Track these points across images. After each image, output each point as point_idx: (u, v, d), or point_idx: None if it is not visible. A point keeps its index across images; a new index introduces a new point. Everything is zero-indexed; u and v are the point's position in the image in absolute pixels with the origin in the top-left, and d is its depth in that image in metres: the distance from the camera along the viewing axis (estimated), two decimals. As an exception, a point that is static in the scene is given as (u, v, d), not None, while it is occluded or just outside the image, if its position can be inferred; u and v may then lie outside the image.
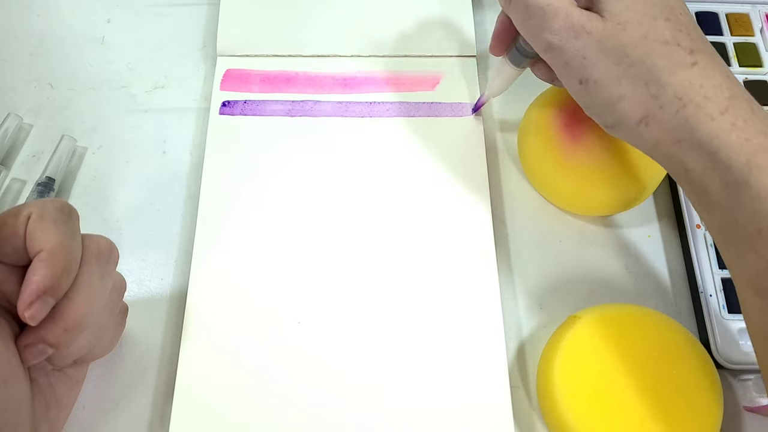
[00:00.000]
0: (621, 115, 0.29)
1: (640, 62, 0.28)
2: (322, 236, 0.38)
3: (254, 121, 0.41)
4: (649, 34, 0.28)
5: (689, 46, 0.28)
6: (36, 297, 0.25)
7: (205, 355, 0.34)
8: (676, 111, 0.27)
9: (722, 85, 0.27)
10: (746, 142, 0.26)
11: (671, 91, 0.27)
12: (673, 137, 0.28)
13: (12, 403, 0.26)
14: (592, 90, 0.29)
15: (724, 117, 0.27)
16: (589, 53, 0.29)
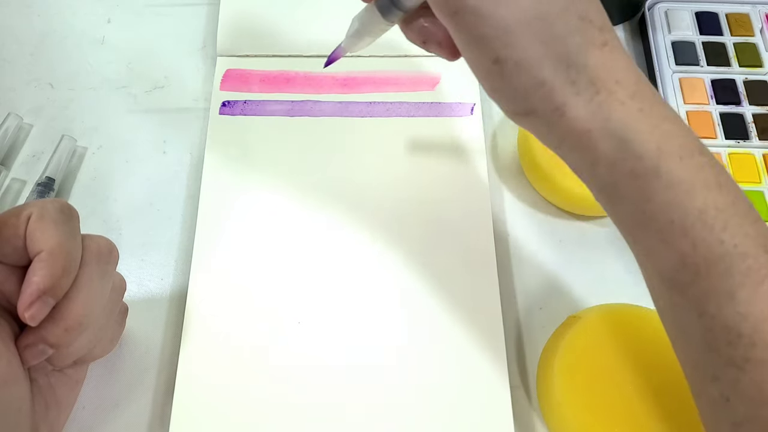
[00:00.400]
0: (536, 104, 0.25)
1: (561, 40, 0.24)
2: (322, 236, 0.38)
3: (254, 121, 0.41)
4: (569, 5, 0.24)
5: (599, 22, 0.25)
6: (36, 297, 0.25)
7: (205, 355, 0.34)
8: (590, 98, 0.24)
9: (629, 68, 0.25)
10: (655, 129, 0.24)
11: (587, 75, 0.24)
12: (584, 126, 0.25)
13: (12, 404, 0.26)
14: (509, 72, 0.25)
15: (633, 101, 0.24)
16: (512, 24, 0.24)
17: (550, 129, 0.26)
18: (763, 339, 0.23)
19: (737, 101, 0.42)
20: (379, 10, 0.28)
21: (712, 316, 0.24)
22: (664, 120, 0.25)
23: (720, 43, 0.45)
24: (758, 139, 0.41)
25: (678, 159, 0.24)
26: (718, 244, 0.24)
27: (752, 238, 0.24)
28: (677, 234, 0.24)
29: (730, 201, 0.24)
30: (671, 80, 0.43)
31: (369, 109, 0.42)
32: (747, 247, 0.24)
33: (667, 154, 0.24)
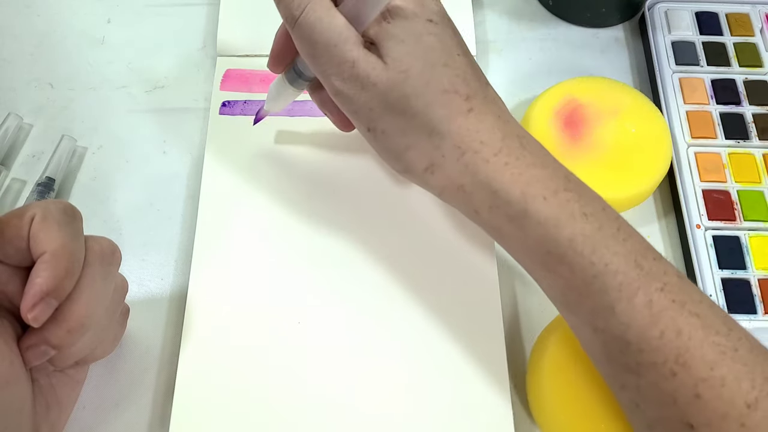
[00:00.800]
0: (408, 164, 0.30)
1: (422, 114, 0.28)
2: (323, 236, 0.38)
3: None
4: (430, 82, 0.28)
5: (465, 91, 0.29)
6: (39, 299, 0.25)
7: (205, 355, 0.34)
8: (456, 159, 0.29)
9: (495, 127, 0.29)
10: (519, 177, 0.28)
11: (450, 140, 0.28)
12: (457, 182, 0.29)
13: (14, 404, 0.26)
14: (380, 138, 0.30)
15: (497, 158, 0.28)
16: (375, 105, 0.29)
17: (426, 184, 0.31)
18: (649, 344, 0.26)
19: (737, 101, 0.42)
20: (288, 80, 0.34)
21: (602, 330, 0.27)
22: (529, 167, 0.28)
23: (720, 43, 0.45)
24: (758, 139, 0.41)
25: (542, 199, 0.28)
26: (590, 266, 0.27)
27: (622, 255, 0.27)
28: (555, 262, 0.28)
29: (597, 227, 0.27)
30: (671, 80, 0.43)
31: (369, 109, 0.42)
32: (617, 265, 0.26)
33: (531, 197, 0.28)
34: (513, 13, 0.48)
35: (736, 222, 0.39)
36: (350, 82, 0.29)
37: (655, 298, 0.26)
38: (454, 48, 0.29)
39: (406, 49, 0.28)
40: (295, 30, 0.29)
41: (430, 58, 0.28)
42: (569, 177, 0.29)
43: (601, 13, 0.47)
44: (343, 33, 0.28)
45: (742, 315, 0.36)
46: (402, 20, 0.28)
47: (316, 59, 0.29)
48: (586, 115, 0.39)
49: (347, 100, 0.30)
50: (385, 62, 0.28)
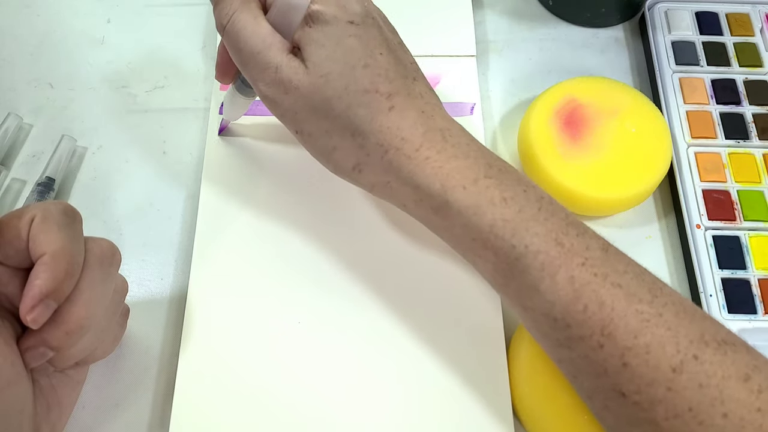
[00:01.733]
0: (337, 164, 0.31)
1: (344, 115, 0.29)
2: (323, 235, 0.38)
3: (254, 121, 0.41)
4: (350, 84, 0.29)
5: (387, 90, 0.29)
6: (38, 300, 0.25)
7: (205, 355, 0.34)
8: (380, 157, 0.29)
9: (417, 123, 0.29)
10: (439, 170, 0.29)
11: (373, 139, 0.29)
12: (383, 179, 0.30)
13: (15, 405, 0.26)
14: (308, 140, 0.31)
15: (418, 153, 0.29)
16: (299, 108, 0.30)
17: (357, 182, 0.32)
18: (574, 318, 0.26)
19: (737, 101, 0.42)
20: (237, 90, 0.35)
21: (531, 308, 0.28)
22: (449, 159, 0.29)
23: (720, 43, 0.44)
24: (758, 139, 0.41)
25: (462, 189, 0.28)
26: (511, 249, 0.28)
27: (542, 236, 0.27)
28: (480, 248, 0.29)
29: (516, 210, 0.28)
30: (671, 80, 0.43)
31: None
32: (538, 245, 0.27)
33: (451, 188, 0.28)
34: (513, 13, 0.48)
35: (736, 222, 0.39)
36: (274, 87, 0.30)
37: (576, 273, 0.27)
38: (376, 47, 0.30)
39: (325, 53, 0.29)
40: (224, 37, 0.31)
41: (349, 60, 0.29)
42: (492, 164, 0.29)
43: (601, 13, 0.47)
44: (266, 39, 0.30)
45: (742, 315, 0.36)
46: (322, 24, 0.29)
47: (243, 66, 0.31)
48: (586, 115, 0.39)
49: (273, 105, 0.31)
50: (307, 66, 0.29)
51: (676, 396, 0.25)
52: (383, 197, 0.32)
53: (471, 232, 0.28)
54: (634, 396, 0.25)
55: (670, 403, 0.25)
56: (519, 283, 0.28)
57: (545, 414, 0.32)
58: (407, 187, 0.29)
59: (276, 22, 0.30)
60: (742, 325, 0.36)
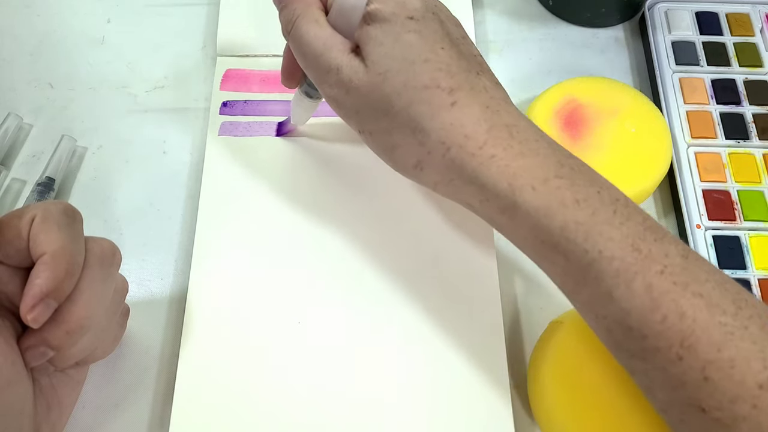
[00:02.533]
0: (398, 162, 0.31)
1: (404, 112, 0.28)
2: (323, 235, 0.38)
3: (254, 122, 0.41)
4: (409, 81, 0.28)
5: (448, 85, 0.28)
6: (38, 300, 0.25)
7: (205, 355, 0.34)
8: (442, 155, 0.28)
9: (481, 119, 0.28)
10: (506, 168, 0.27)
11: (435, 136, 0.28)
12: (446, 178, 0.29)
13: (16, 405, 0.26)
14: (369, 139, 0.31)
15: (483, 150, 0.28)
16: (360, 107, 0.30)
17: (418, 180, 0.31)
18: (652, 329, 0.25)
19: (737, 101, 0.42)
20: (304, 93, 0.35)
21: (604, 316, 0.27)
22: (516, 157, 0.28)
23: (720, 43, 0.45)
24: (758, 139, 0.41)
25: (531, 189, 0.27)
26: (583, 253, 0.26)
27: (617, 241, 0.26)
28: (550, 251, 0.27)
29: (590, 213, 0.27)
30: (671, 80, 0.43)
31: (369, 109, 0.42)
32: (612, 250, 0.26)
33: (519, 188, 0.27)
34: (513, 13, 0.48)
35: (736, 222, 0.39)
36: (337, 88, 0.30)
37: (654, 281, 0.25)
38: (437, 42, 0.29)
39: (384, 50, 0.28)
40: (289, 42, 0.31)
41: (408, 56, 0.28)
42: (563, 162, 0.28)
43: (601, 13, 0.47)
44: (327, 42, 0.29)
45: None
46: (380, 22, 0.29)
47: (308, 68, 0.31)
48: (586, 115, 0.39)
49: (337, 105, 0.31)
50: (366, 65, 0.29)
51: (762, 414, 0.23)
52: (447, 196, 0.30)
53: (540, 235, 0.27)
54: (715, 412, 0.24)
55: (754, 421, 0.23)
56: (591, 290, 0.27)
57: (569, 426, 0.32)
58: (472, 186, 0.28)
59: (337, 23, 0.30)
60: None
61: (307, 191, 0.39)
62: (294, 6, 0.31)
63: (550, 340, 0.33)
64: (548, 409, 0.32)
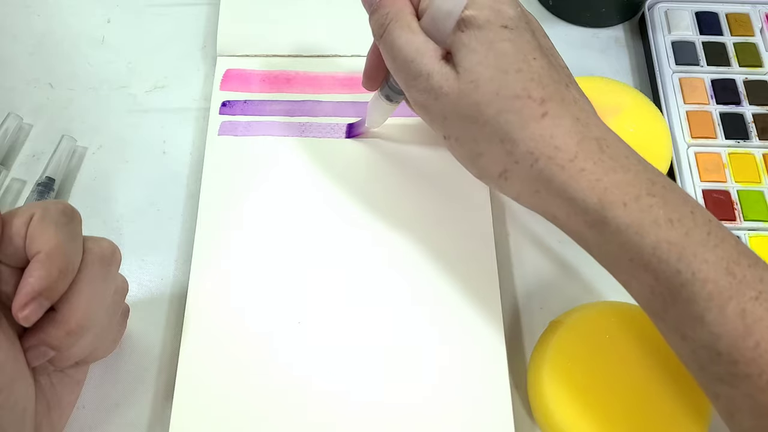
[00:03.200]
0: (483, 170, 0.30)
1: (493, 120, 0.28)
2: (323, 235, 0.38)
3: (254, 121, 0.41)
4: (501, 90, 0.28)
5: (540, 95, 0.28)
6: (30, 298, 0.25)
7: (205, 355, 0.34)
8: (530, 165, 0.28)
9: (571, 131, 0.28)
10: (597, 183, 0.27)
11: (523, 146, 0.28)
12: (532, 188, 0.29)
13: (18, 403, 0.26)
14: (454, 146, 0.31)
15: (573, 164, 0.27)
16: (448, 114, 0.29)
17: (501, 189, 0.30)
18: (743, 355, 0.25)
19: (737, 101, 0.42)
20: (383, 96, 0.36)
21: (691, 339, 0.26)
22: (608, 172, 0.27)
23: (720, 43, 0.45)
24: (758, 139, 0.41)
25: (622, 206, 0.27)
26: (676, 274, 0.26)
27: (712, 263, 0.26)
28: (639, 270, 0.27)
29: (683, 233, 0.26)
30: (671, 80, 0.43)
31: (369, 109, 0.42)
32: (707, 273, 0.25)
33: (610, 204, 0.27)
34: (513, 13, 0.48)
35: (736, 222, 0.39)
36: (426, 94, 0.29)
37: (748, 307, 0.25)
38: (530, 52, 0.28)
39: (477, 58, 0.28)
40: (380, 46, 0.31)
41: (501, 65, 0.28)
42: (654, 180, 0.27)
43: (601, 13, 0.47)
44: (420, 48, 0.29)
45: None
46: (474, 29, 0.28)
47: (396, 73, 0.31)
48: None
49: (424, 110, 0.31)
50: (458, 72, 0.29)
51: None
52: (530, 206, 0.30)
53: (629, 252, 0.27)
54: None
55: None
56: (680, 311, 0.26)
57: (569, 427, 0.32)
58: (559, 198, 0.28)
59: (429, 29, 0.30)
60: None
61: (307, 191, 0.39)
62: (386, 10, 0.30)
63: (550, 340, 0.33)
64: (548, 409, 0.32)
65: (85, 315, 0.26)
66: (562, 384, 0.32)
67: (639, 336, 0.33)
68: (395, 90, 0.34)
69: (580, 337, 0.33)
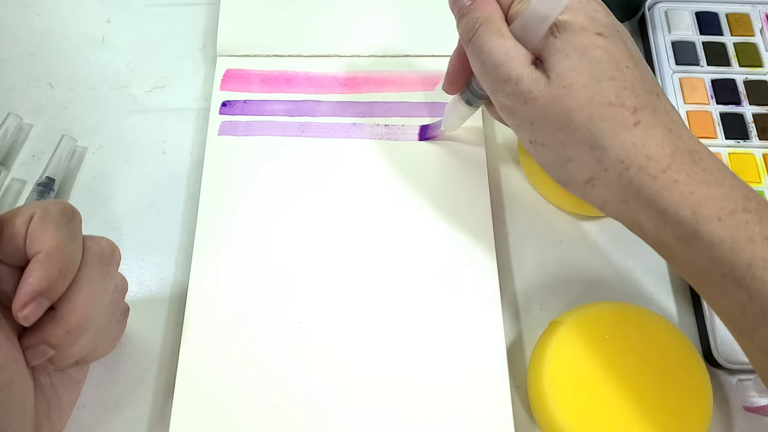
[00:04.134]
0: (569, 176, 0.30)
1: (584, 127, 0.28)
2: (323, 235, 0.38)
3: (254, 121, 0.41)
4: (594, 96, 0.28)
5: (633, 104, 0.28)
6: (30, 298, 0.25)
7: (205, 355, 0.34)
8: (619, 173, 0.28)
9: (664, 142, 0.28)
10: (690, 196, 0.27)
11: (614, 154, 0.28)
12: (620, 197, 0.28)
13: (17, 403, 0.26)
14: (540, 151, 0.30)
15: (666, 174, 0.27)
16: (536, 119, 0.29)
17: (586, 196, 0.30)
18: None
19: (737, 101, 0.42)
20: (463, 100, 0.35)
21: None
22: (701, 185, 0.27)
23: (720, 43, 0.45)
24: (758, 139, 0.41)
25: (717, 220, 0.26)
26: None
27: None
28: (731, 286, 0.26)
29: None
30: (671, 80, 0.43)
31: (369, 110, 0.42)
32: None
33: (704, 218, 0.26)
34: (513, 13, 0.48)
35: (736, 222, 0.38)
36: (513, 98, 0.29)
37: None
38: (623, 60, 0.28)
39: (570, 63, 0.28)
40: (468, 49, 0.31)
41: (595, 72, 0.28)
42: (749, 196, 0.27)
43: (601, 13, 0.46)
44: (510, 52, 0.29)
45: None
46: (569, 35, 0.28)
47: (484, 76, 0.30)
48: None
49: (510, 115, 0.30)
50: (549, 77, 0.28)
51: None
52: (615, 215, 0.30)
53: (721, 268, 0.26)
54: None
55: None
56: None
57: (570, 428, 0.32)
58: (648, 209, 0.28)
59: (519, 33, 0.29)
60: None
61: (307, 191, 0.39)
62: (476, 15, 0.30)
63: (550, 340, 0.33)
64: (548, 409, 0.32)
65: (84, 314, 0.26)
66: (562, 384, 0.32)
67: (639, 336, 0.33)
68: (476, 94, 0.34)
69: (580, 337, 0.33)
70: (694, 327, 0.37)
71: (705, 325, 0.36)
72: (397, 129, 0.41)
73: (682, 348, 0.33)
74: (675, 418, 0.32)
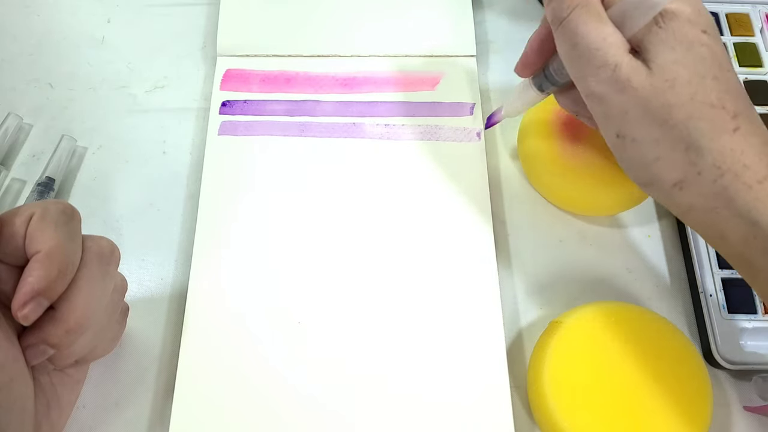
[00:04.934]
0: (655, 176, 0.28)
1: (682, 125, 0.27)
2: (323, 236, 0.38)
3: (254, 121, 0.41)
4: (697, 95, 0.26)
5: (733, 108, 0.27)
6: (30, 298, 0.25)
7: (205, 355, 0.34)
8: (713, 179, 0.27)
9: (762, 151, 0.26)
10: None
11: (710, 158, 0.26)
12: (709, 204, 0.27)
13: (17, 402, 0.26)
14: (628, 146, 0.29)
15: (762, 185, 0.26)
16: (631, 110, 0.28)
17: (671, 200, 0.29)
18: None
19: (737, 101, 0.42)
20: (534, 85, 0.34)
21: None
22: None
23: (720, 43, 0.44)
24: (758, 139, 0.41)
25: None
26: None
27: None
28: None
29: None
30: (671, 80, 0.43)
31: (369, 109, 0.42)
32: None
33: None
34: (513, 13, 0.48)
35: (736, 222, 0.38)
36: (607, 85, 0.28)
37: None
38: (724, 63, 0.27)
39: (675, 56, 0.27)
40: (560, 30, 0.29)
41: (700, 69, 0.27)
42: None
43: (601, 13, 0.46)
44: (608, 38, 0.27)
45: (742, 315, 0.36)
46: (675, 26, 0.27)
47: (575, 60, 0.29)
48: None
49: (600, 102, 0.28)
50: (650, 68, 0.27)
51: None
52: (697, 223, 0.28)
53: None
54: None
55: None
56: None
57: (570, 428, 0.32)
58: (739, 219, 0.26)
59: (618, 19, 0.28)
60: (742, 324, 0.36)
61: (307, 191, 0.39)
62: None
63: (550, 340, 0.33)
64: (548, 409, 0.32)
65: (84, 313, 0.26)
66: (562, 384, 0.32)
67: (639, 336, 0.33)
68: (551, 80, 0.33)
69: (580, 337, 0.33)
70: (694, 327, 0.37)
71: (705, 325, 0.36)
72: (397, 129, 0.41)
73: (682, 348, 0.33)
74: (675, 418, 0.31)
